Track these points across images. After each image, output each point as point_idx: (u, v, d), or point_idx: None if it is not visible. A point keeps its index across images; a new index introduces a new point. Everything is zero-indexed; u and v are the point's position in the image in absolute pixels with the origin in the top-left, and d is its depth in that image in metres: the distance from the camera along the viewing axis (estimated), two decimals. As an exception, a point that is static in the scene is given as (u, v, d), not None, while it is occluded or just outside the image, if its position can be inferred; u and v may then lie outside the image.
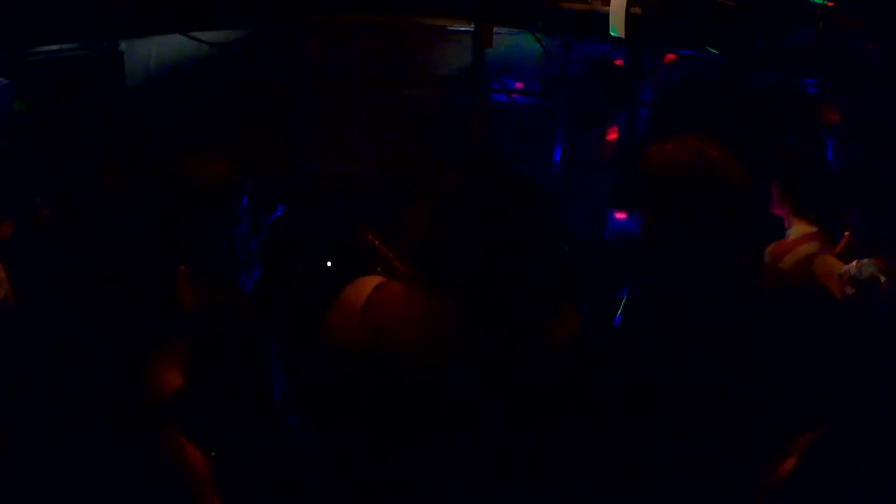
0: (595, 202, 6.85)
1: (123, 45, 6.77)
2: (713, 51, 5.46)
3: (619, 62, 6.94)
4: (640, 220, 2.67)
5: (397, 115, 6.65)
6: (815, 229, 4.01)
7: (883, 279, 3.27)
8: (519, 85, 7.21)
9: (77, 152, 5.82)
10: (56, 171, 5.38)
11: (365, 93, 6.66)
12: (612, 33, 4.26)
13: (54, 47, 6.31)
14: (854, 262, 3.37)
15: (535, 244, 2.35)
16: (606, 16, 4.89)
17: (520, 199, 2.35)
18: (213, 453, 2.55)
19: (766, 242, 4.10)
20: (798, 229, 4.08)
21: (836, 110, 6.18)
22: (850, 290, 3.30)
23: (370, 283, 2.38)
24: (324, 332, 2.40)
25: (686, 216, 2.54)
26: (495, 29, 6.30)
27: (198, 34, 6.49)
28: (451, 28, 6.84)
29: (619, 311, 2.90)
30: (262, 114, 6.56)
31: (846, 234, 3.84)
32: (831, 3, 5.22)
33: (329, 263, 4.35)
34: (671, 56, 6.62)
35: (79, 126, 6.32)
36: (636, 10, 3.99)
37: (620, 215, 6.23)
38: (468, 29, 6.67)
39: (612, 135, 7.12)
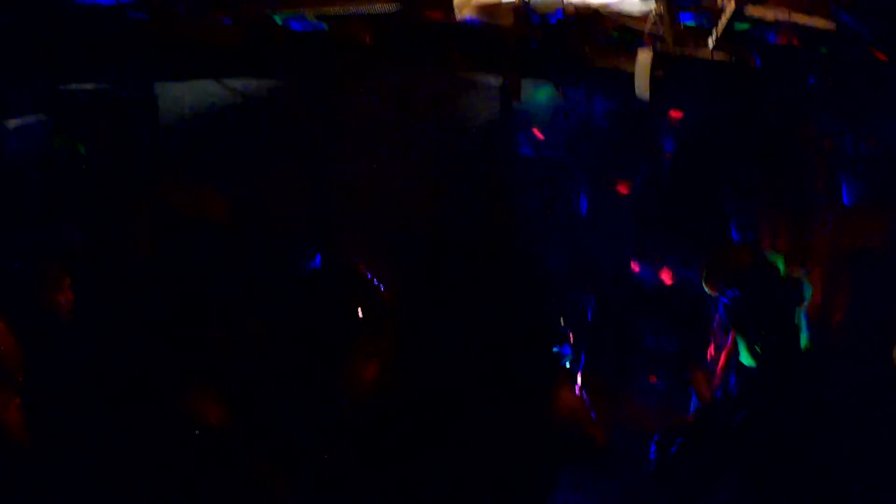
0: (620, 253, 6.91)
1: (158, 88, 6.90)
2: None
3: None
4: None
5: (425, 165, 6.72)
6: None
7: None
8: (544, 137, 7.29)
9: (110, 191, 5.93)
10: (90, 208, 5.51)
11: (393, 142, 6.73)
12: (636, 94, 4.36)
13: (91, 86, 6.43)
14: None
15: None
16: (631, 75, 5.00)
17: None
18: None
19: None
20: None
21: (850, 148, 6.29)
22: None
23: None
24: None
25: None
26: (523, 82, 6.40)
27: (231, 82, 6.61)
28: (481, 81, 6.93)
29: None
30: (293, 162, 6.64)
31: None
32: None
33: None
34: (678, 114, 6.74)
35: (113, 166, 6.43)
36: (659, 74, 4.10)
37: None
38: (497, 82, 6.78)
39: (623, 189, 7.22)
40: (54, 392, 3.69)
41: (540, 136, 7.25)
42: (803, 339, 3.13)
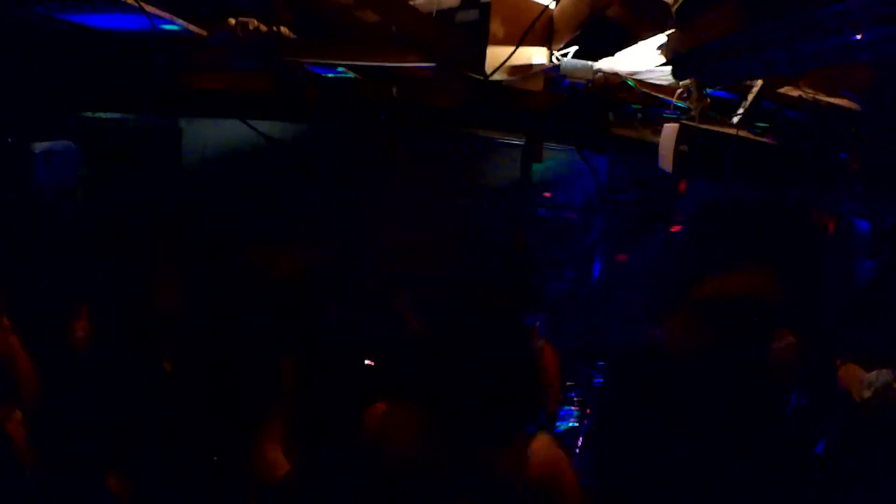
0: (633, 317, 6.94)
1: (182, 123, 6.95)
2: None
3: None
4: None
5: (445, 221, 6.76)
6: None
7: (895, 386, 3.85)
8: (563, 199, 7.35)
9: (133, 223, 5.96)
10: (111, 238, 5.54)
11: (415, 197, 6.77)
12: (660, 167, 4.40)
13: (116, 115, 6.48)
14: (874, 371, 3.99)
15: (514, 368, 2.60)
16: (654, 144, 5.05)
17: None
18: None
19: None
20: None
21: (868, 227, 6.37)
22: (867, 394, 3.89)
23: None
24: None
25: None
26: (545, 145, 6.46)
27: (257, 124, 6.65)
28: (503, 141, 7.00)
29: None
30: (313, 209, 6.68)
31: None
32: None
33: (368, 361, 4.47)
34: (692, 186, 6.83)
35: (136, 198, 6.46)
36: (684, 147, 4.13)
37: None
38: (519, 143, 6.83)
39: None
40: (65, 419, 3.72)
41: (557, 198, 7.32)
42: None
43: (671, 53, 3.86)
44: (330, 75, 5.36)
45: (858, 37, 2.57)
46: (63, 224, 5.50)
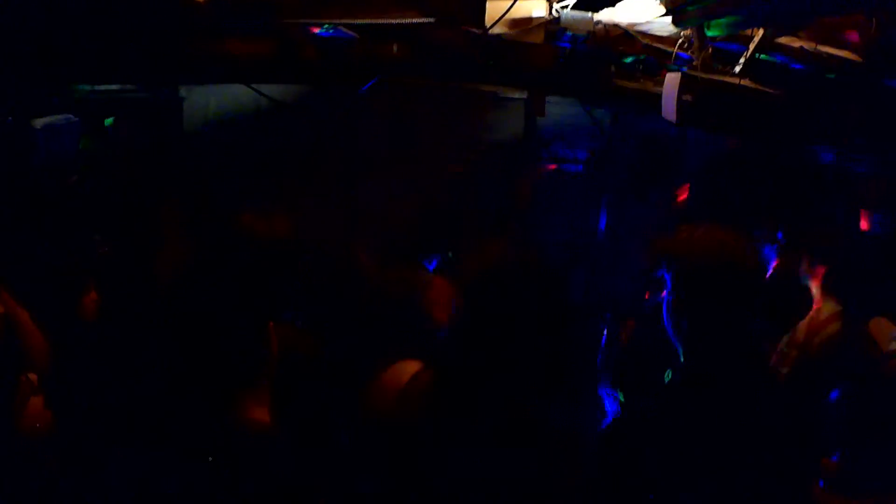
0: (638, 271, 6.94)
1: (183, 91, 6.93)
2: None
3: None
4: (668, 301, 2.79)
5: (449, 177, 6.74)
6: (840, 308, 4.30)
7: None
8: (566, 153, 7.33)
9: (136, 193, 5.95)
10: (115, 210, 5.54)
11: (418, 154, 6.75)
12: (663, 116, 4.38)
13: (117, 87, 6.45)
14: None
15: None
16: (656, 95, 5.02)
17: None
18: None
19: (793, 322, 4.34)
20: (828, 307, 4.36)
21: (875, 185, 6.31)
22: (894, 346, 3.83)
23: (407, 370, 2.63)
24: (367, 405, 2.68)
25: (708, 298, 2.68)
26: (547, 98, 6.42)
27: (257, 87, 6.63)
28: (505, 95, 6.96)
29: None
30: (314, 170, 6.67)
31: None
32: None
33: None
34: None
35: (138, 167, 6.45)
36: (687, 97, 4.11)
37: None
38: (521, 97, 6.79)
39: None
40: (76, 389, 3.74)
41: (561, 151, 7.29)
42: None
43: (672, 2, 3.83)
44: (330, 35, 5.31)
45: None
46: (66, 197, 5.48)
